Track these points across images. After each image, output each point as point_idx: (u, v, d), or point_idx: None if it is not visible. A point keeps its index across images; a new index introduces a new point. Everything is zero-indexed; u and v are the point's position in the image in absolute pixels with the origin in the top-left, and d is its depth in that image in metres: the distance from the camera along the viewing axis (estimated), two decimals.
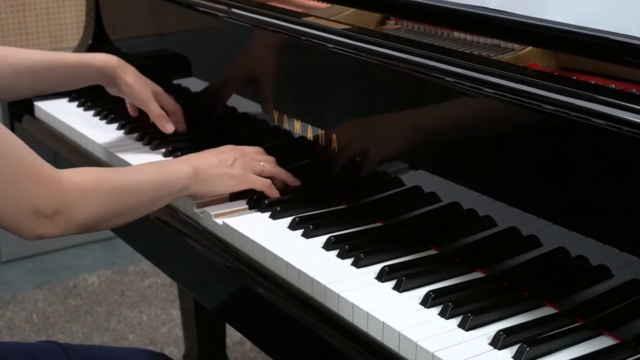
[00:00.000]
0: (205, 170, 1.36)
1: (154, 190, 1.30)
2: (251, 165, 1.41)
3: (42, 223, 1.15)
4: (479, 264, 1.20)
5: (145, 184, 1.29)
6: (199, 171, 1.35)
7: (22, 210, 1.13)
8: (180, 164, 1.36)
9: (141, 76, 1.69)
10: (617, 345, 1.03)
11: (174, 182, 1.32)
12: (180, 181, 1.33)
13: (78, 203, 1.18)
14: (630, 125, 1.00)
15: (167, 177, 1.32)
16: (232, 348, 2.61)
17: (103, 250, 3.24)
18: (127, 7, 2.03)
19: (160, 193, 1.31)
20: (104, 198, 1.22)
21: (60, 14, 2.98)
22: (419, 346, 1.03)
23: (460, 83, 1.19)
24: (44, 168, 1.16)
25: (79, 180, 1.20)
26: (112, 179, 1.25)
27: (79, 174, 1.21)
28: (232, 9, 1.62)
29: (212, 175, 1.36)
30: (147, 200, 1.29)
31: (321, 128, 1.44)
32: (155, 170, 1.33)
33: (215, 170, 1.37)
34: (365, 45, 1.34)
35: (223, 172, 1.37)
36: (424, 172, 1.29)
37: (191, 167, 1.34)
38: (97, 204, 1.21)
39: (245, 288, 1.26)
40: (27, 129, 2.00)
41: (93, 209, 1.20)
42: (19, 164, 1.12)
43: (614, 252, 1.07)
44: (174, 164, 1.36)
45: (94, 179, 1.22)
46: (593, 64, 1.19)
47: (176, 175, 1.33)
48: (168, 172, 1.33)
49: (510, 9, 1.26)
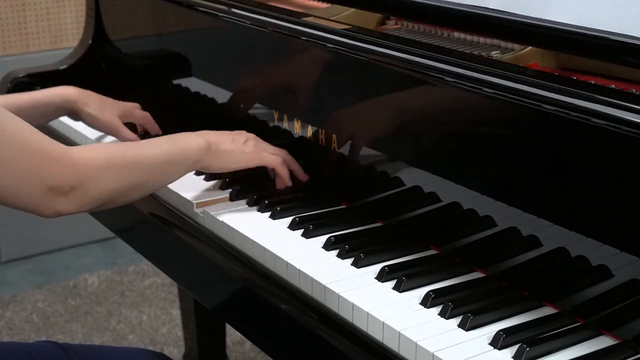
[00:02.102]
0: (218, 144, 1.37)
1: (167, 164, 1.31)
2: (263, 147, 1.43)
3: (58, 200, 1.17)
4: (479, 264, 1.20)
5: (158, 158, 1.29)
6: (212, 144, 1.36)
7: (37, 190, 1.15)
8: (193, 137, 1.36)
9: (105, 102, 1.69)
10: (617, 345, 1.03)
11: (187, 154, 1.33)
12: (194, 154, 1.34)
13: (92, 178, 1.19)
14: (630, 125, 1.00)
15: (180, 150, 1.33)
16: (232, 348, 2.61)
17: (103, 250, 3.24)
18: (127, 7, 2.03)
19: (174, 166, 1.32)
20: (117, 173, 1.23)
21: (60, 14, 2.98)
22: (419, 346, 1.03)
23: (460, 83, 1.19)
24: (54, 146, 1.17)
25: (92, 156, 1.21)
26: (125, 154, 1.26)
27: (91, 151, 1.23)
28: (232, 9, 1.62)
29: (225, 150, 1.38)
30: (160, 174, 1.31)
31: (321, 128, 1.44)
32: (168, 144, 1.34)
33: (228, 145, 1.38)
34: (365, 45, 1.34)
35: (236, 147, 1.39)
36: (424, 172, 1.29)
37: (204, 141, 1.35)
38: (111, 178, 1.22)
39: (245, 288, 1.26)
40: None
41: (107, 184, 1.21)
42: (27, 146, 1.14)
43: (614, 252, 1.07)
44: (187, 137, 1.36)
45: (106, 154, 1.23)
46: (593, 64, 1.19)
47: (190, 148, 1.34)
48: (181, 145, 1.34)
49: (510, 9, 1.26)
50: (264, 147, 1.44)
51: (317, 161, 1.48)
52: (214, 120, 1.76)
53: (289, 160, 1.45)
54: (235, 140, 1.41)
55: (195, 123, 1.80)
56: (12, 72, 2.07)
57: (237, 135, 1.42)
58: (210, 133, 1.40)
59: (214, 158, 1.37)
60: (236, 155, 1.39)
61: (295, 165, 1.46)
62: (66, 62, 2.11)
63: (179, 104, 1.88)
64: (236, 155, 1.39)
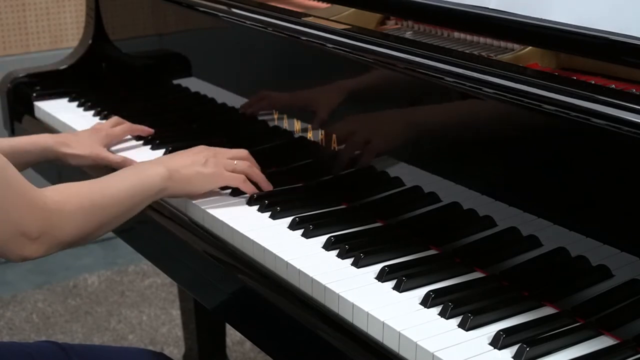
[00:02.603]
0: (179, 170, 1.37)
1: (132, 198, 1.31)
2: (224, 163, 1.42)
3: (27, 245, 1.16)
4: (479, 264, 1.20)
5: (122, 193, 1.30)
6: (173, 172, 1.36)
7: (7, 234, 1.14)
8: (154, 167, 1.36)
9: (83, 137, 1.64)
10: (617, 345, 1.03)
11: (150, 186, 1.33)
12: (156, 184, 1.34)
13: (62, 223, 1.20)
14: (630, 125, 1.00)
15: (142, 182, 1.33)
16: (232, 348, 2.61)
17: (103, 250, 3.24)
18: (127, 7, 2.03)
19: (138, 199, 1.32)
20: (86, 215, 1.23)
21: (60, 14, 2.98)
22: (419, 346, 1.03)
23: (460, 83, 1.19)
24: (30, 191, 1.16)
25: (62, 200, 1.21)
26: (92, 195, 1.26)
27: (60, 193, 1.22)
28: (232, 9, 1.62)
29: (186, 175, 1.38)
30: (126, 209, 1.31)
31: (321, 128, 1.44)
32: (130, 177, 1.34)
33: (189, 169, 1.38)
34: (365, 45, 1.34)
35: (196, 170, 1.39)
36: (424, 172, 1.29)
37: (165, 169, 1.35)
38: (80, 221, 1.23)
39: (245, 288, 1.26)
40: (27, 129, 2.00)
41: (76, 227, 1.22)
42: (6, 188, 1.13)
43: (614, 252, 1.07)
44: (147, 168, 1.37)
45: (75, 197, 1.23)
46: (593, 64, 1.19)
47: (151, 178, 1.34)
48: (143, 177, 1.34)
49: (510, 9, 1.26)
50: (225, 163, 1.42)
51: (317, 161, 1.48)
52: (214, 120, 1.77)
53: (251, 172, 1.44)
54: (194, 161, 1.40)
55: (195, 123, 1.80)
56: (12, 72, 2.07)
57: (195, 155, 1.41)
58: (169, 158, 1.41)
59: (177, 185, 1.37)
60: (199, 180, 1.39)
61: (258, 176, 1.44)
62: (66, 62, 2.11)
63: (179, 104, 1.88)
64: (199, 180, 1.39)
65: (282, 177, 1.52)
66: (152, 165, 1.37)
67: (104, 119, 1.87)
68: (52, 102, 2.00)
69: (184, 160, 1.40)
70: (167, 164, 1.38)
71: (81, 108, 1.95)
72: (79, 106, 1.97)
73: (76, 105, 1.97)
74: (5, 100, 2.05)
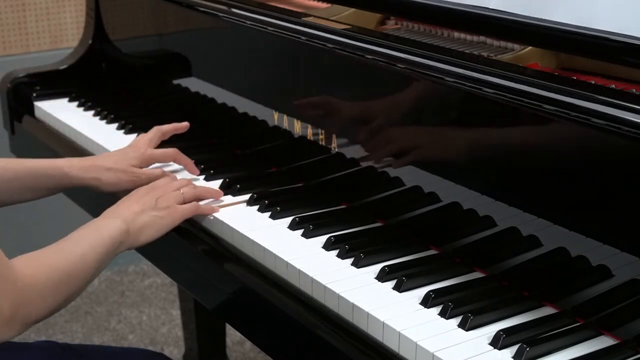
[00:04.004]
0: (135, 219, 1.31)
1: (97, 257, 1.24)
2: (174, 198, 1.36)
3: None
4: (479, 264, 1.20)
5: (88, 256, 1.22)
6: (129, 223, 1.30)
7: None
8: (109, 221, 1.29)
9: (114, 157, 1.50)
10: (617, 345, 1.03)
11: (111, 242, 1.26)
12: (117, 238, 1.27)
13: (34, 300, 1.12)
14: (630, 125, 1.00)
15: (104, 240, 1.25)
16: (232, 348, 2.61)
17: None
18: (127, 7, 2.03)
19: (103, 257, 1.25)
20: (57, 286, 1.16)
21: (60, 14, 2.98)
22: (419, 346, 1.03)
23: (460, 83, 1.19)
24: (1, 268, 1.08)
25: (33, 274, 1.13)
26: (60, 264, 1.18)
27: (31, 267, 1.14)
28: (232, 9, 1.62)
29: (143, 222, 1.31)
30: (93, 271, 1.24)
31: (321, 128, 1.44)
32: (90, 237, 1.25)
33: (144, 216, 1.32)
34: (365, 45, 1.34)
35: (151, 216, 1.32)
36: (424, 172, 1.29)
37: (121, 221, 1.29)
38: (51, 295, 1.15)
39: (245, 288, 1.26)
40: (27, 129, 2.00)
41: (47, 302, 1.15)
42: None
43: (614, 252, 1.07)
44: (104, 224, 1.29)
45: (45, 268, 1.16)
46: (593, 64, 1.19)
47: (111, 234, 1.27)
48: (104, 234, 1.26)
49: (510, 9, 1.26)
50: (175, 198, 1.36)
51: (317, 161, 1.48)
52: (214, 120, 1.77)
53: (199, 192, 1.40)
54: (145, 206, 1.33)
55: (195, 123, 1.80)
56: (12, 72, 2.07)
57: (142, 199, 1.34)
58: (118, 211, 1.32)
59: (137, 236, 1.30)
60: (155, 224, 1.33)
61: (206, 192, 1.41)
62: (66, 62, 2.11)
63: (179, 104, 1.88)
64: (155, 224, 1.33)
65: (282, 177, 1.53)
66: (107, 220, 1.30)
67: (104, 119, 1.87)
68: (52, 102, 2.00)
69: (134, 207, 1.32)
70: (121, 215, 1.30)
71: (81, 108, 1.96)
72: (79, 106, 1.97)
73: (76, 105, 1.97)
74: (5, 100, 2.05)
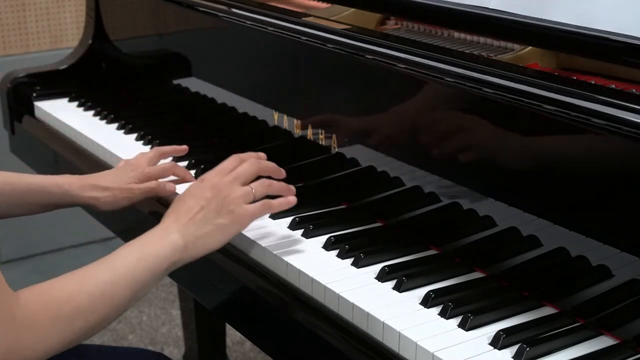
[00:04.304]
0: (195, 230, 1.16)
1: (134, 284, 1.08)
2: (242, 198, 1.21)
3: None
4: (479, 264, 1.20)
5: (118, 286, 1.07)
6: (187, 236, 1.15)
7: None
8: (163, 236, 1.14)
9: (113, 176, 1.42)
10: (617, 345, 1.03)
11: (157, 263, 1.11)
12: (167, 258, 1.12)
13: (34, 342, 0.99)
14: (630, 125, 1.00)
15: (147, 262, 1.10)
16: (232, 348, 2.61)
17: (103, 250, 3.24)
18: (127, 7, 2.03)
19: (144, 281, 1.09)
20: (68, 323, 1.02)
21: (60, 14, 2.98)
22: (419, 346, 1.03)
23: (460, 83, 1.19)
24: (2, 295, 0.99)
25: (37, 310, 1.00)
26: (76, 297, 1.04)
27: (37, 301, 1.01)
28: (232, 9, 1.62)
29: (203, 234, 1.16)
30: (124, 301, 1.08)
31: (321, 128, 1.44)
32: (129, 259, 1.10)
33: (205, 226, 1.16)
34: (365, 45, 1.34)
35: (214, 224, 1.17)
36: (424, 172, 1.29)
37: (179, 235, 1.14)
38: (60, 332, 1.02)
39: (245, 288, 1.26)
40: (27, 129, 2.00)
41: (52, 342, 1.01)
42: None
43: (614, 252, 1.07)
44: (153, 241, 1.13)
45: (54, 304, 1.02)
46: (593, 64, 1.19)
47: (159, 253, 1.11)
48: (147, 256, 1.10)
49: (510, 9, 1.26)
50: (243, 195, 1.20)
51: (317, 161, 1.48)
52: (214, 120, 1.77)
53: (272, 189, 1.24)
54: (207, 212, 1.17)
55: (195, 123, 1.80)
56: (12, 72, 2.07)
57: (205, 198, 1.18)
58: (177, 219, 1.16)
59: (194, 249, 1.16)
60: (218, 234, 1.17)
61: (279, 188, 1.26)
62: (66, 62, 2.11)
63: (179, 104, 1.88)
64: (218, 235, 1.17)
65: None
66: (159, 235, 1.13)
67: (104, 119, 1.87)
68: (52, 102, 2.00)
69: (194, 211, 1.16)
70: (179, 225, 1.15)
71: (81, 108, 1.96)
72: (79, 106, 1.97)
73: (76, 105, 1.97)
74: (5, 100, 2.05)
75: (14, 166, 1.98)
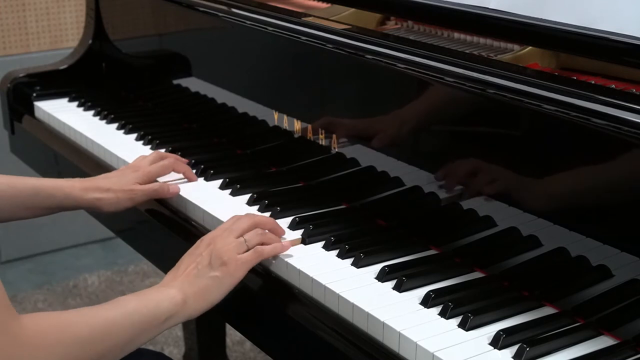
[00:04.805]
0: (191, 285, 1.17)
1: (130, 329, 1.09)
2: (234, 249, 1.21)
3: None
4: (479, 264, 1.20)
5: (117, 326, 1.08)
6: (186, 291, 1.16)
7: None
8: (162, 291, 1.16)
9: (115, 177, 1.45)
10: (617, 345, 1.03)
11: (154, 313, 1.12)
12: (166, 310, 1.13)
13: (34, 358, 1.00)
14: (630, 125, 1.00)
15: (147, 309, 1.12)
16: (232, 348, 2.61)
17: (103, 250, 3.24)
18: (127, 7, 2.03)
19: (139, 330, 1.11)
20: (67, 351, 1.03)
21: (60, 14, 2.98)
22: (419, 346, 1.03)
23: (460, 83, 1.19)
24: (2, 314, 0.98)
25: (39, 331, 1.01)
26: (77, 326, 1.05)
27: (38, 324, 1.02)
28: (232, 9, 1.62)
29: (198, 289, 1.17)
30: (121, 343, 1.09)
31: (321, 128, 1.44)
32: (130, 305, 1.12)
33: (200, 280, 1.17)
34: (365, 45, 1.34)
35: (208, 278, 1.18)
36: (424, 172, 1.29)
37: (178, 290, 1.15)
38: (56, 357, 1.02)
39: (245, 288, 1.26)
40: (27, 129, 2.00)
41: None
42: None
43: (614, 252, 1.07)
44: (153, 293, 1.15)
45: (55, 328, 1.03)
46: (593, 64, 1.19)
47: (158, 304, 1.13)
48: (148, 304, 1.12)
49: (510, 9, 1.26)
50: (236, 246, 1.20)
51: (317, 161, 1.48)
52: (214, 120, 1.77)
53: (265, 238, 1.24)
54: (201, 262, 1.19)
55: (195, 123, 1.80)
56: (12, 72, 2.07)
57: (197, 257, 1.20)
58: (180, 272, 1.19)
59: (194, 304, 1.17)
60: (213, 288, 1.18)
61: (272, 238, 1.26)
62: (66, 62, 2.11)
63: (179, 104, 1.88)
64: (213, 289, 1.18)
65: (282, 177, 1.53)
66: (159, 289, 1.16)
67: (104, 119, 1.87)
68: (52, 102, 2.00)
69: (190, 269, 1.19)
70: (178, 282, 1.16)
71: (81, 108, 1.96)
72: (79, 106, 1.97)
73: (76, 105, 1.97)
74: (5, 100, 2.05)
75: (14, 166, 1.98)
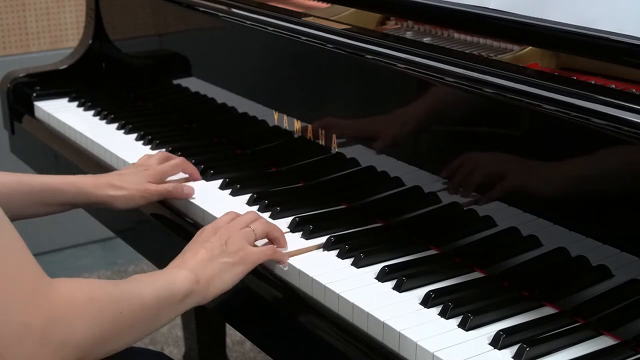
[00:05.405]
0: (204, 269, 1.17)
1: (156, 301, 1.10)
2: (244, 238, 1.22)
3: (28, 344, 0.93)
4: (479, 264, 1.20)
5: (146, 294, 1.09)
6: (198, 273, 1.16)
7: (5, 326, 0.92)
8: (178, 270, 1.16)
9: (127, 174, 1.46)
10: (617, 345, 1.03)
11: (176, 289, 1.13)
12: (183, 287, 1.14)
13: (70, 318, 0.98)
14: (630, 125, 1.00)
15: (167, 284, 1.13)
16: (232, 348, 2.61)
17: (103, 250, 3.24)
18: (127, 7, 2.03)
19: (163, 303, 1.11)
20: (101, 309, 1.03)
21: (60, 14, 2.98)
22: (419, 346, 1.03)
23: (460, 83, 1.19)
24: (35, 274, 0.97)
25: (72, 288, 1.01)
26: (109, 288, 1.07)
27: (71, 283, 1.02)
28: (232, 9, 1.62)
29: (212, 273, 1.17)
30: (148, 314, 1.10)
31: (321, 128, 1.44)
32: (153, 278, 1.14)
33: (213, 265, 1.18)
34: (365, 45, 1.34)
35: (221, 263, 1.18)
36: (424, 172, 1.29)
37: (189, 271, 1.15)
38: (94, 317, 1.02)
39: (245, 288, 1.26)
40: (27, 129, 2.00)
41: (87, 327, 1.00)
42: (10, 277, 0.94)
43: (614, 252, 1.07)
44: (171, 271, 1.17)
45: (86, 287, 1.04)
46: (593, 64, 1.19)
47: (177, 281, 1.14)
48: (167, 279, 1.14)
49: (510, 9, 1.26)
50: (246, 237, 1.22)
51: (317, 161, 1.48)
52: (214, 120, 1.77)
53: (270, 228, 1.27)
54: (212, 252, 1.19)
55: (195, 123, 1.80)
56: (12, 72, 2.07)
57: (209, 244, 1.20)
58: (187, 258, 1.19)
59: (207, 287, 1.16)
60: (227, 271, 1.18)
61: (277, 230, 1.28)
62: (66, 62, 2.11)
63: (179, 104, 1.88)
64: (227, 272, 1.18)
65: (282, 177, 1.53)
66: (176, 269, 1.17)
67: (104, 119, 1.87)
68: (52, 102, 2.00)
69: (200, 254, 1.19)
70: (188, 265, 1.17)
71: (81, 108, 1.96)
72: (79, 106, 1.97)
73: (76, 105, 1.97)
74: (5, 100, 2.05)
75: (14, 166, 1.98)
